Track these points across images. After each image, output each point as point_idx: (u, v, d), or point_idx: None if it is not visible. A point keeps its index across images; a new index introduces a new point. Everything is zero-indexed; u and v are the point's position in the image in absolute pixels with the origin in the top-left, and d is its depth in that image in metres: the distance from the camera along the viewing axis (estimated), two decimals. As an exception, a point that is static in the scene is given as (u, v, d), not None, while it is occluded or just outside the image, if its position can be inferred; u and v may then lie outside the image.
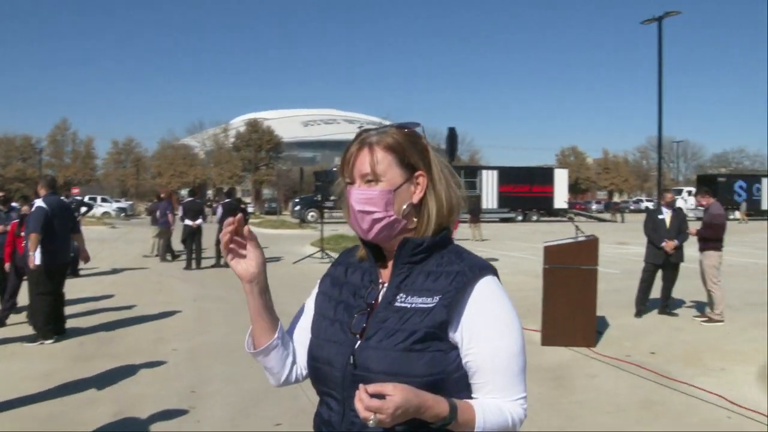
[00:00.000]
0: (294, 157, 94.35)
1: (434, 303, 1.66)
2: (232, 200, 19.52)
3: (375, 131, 1.78)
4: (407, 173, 1.75)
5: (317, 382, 1.82)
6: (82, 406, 6.22)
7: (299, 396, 6.47)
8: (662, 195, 11.32)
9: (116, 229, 38.46)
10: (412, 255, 1.74)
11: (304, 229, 36.55)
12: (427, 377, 1.61)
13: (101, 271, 16.77)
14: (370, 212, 1.72)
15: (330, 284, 1.94)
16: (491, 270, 1.74)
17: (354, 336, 1.72)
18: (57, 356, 8.11)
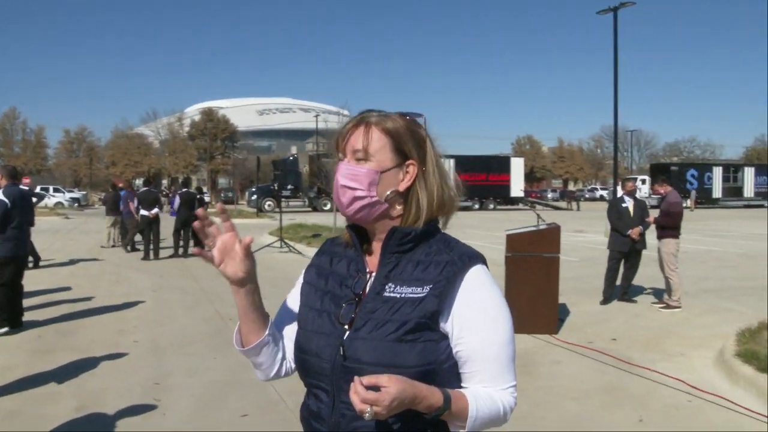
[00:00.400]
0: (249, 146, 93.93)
1: (424, 293, 1.64)
2: (191, 190, 19.36)
3: (377, 113, 1.76)
4: (399, 159, 1.73)
5: (305, 374, 1.80)
6: (43, 401, 6.08)
7: (265, 387, 6.43)
8: (624, 184, 11.45)
9: (70, 219, 37.81)
10: (401, 244, 1.72)
11: (261, 219, 36.33)
12: (418, 368, 1.60)
13: (57, 263, 16.46)
14: (352, 188, 1.71)
15: (315, 275, 1.90)
16: (480, 259, 1.73)
17: (342, 327, 1.70)
18: (14, 350, 7.94)
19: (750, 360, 6.50)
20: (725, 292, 11.85)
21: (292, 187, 49.40)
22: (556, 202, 66.17)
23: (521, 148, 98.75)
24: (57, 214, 40.94)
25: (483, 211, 48.33)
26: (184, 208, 18.03)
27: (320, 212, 43.68)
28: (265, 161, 54.61)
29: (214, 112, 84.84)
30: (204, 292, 12.12)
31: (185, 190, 18.82)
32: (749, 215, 43.58)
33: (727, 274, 14.49)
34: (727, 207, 59.41)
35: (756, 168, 65.56)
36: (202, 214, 1.71)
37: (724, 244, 21.82)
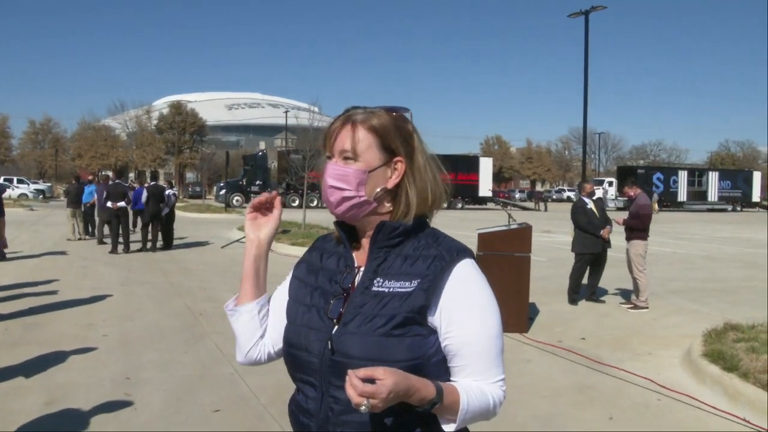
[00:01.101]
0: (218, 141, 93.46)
1: (413, 287, 1.64)
2: (159, 183, 19.21)
3: (362, 110, 1.76)
4: (386, 157, 1.72)
5: (293, 369, 1.79)
6: (11, 396, 5.99)
7: (237, 382, 6.43)
8: (582, 187, 11.55)
9: (35, 211, 37.28)
10: (389, 238, 1.72)
11: (230, 214, 36.12)
12: (407, 362, 1.60)
13: (23, 255, 16.22)
14: (340, 189, 1.71)
15: (306, 270, 1.90)
16: (468, 253, 1.73)
17: (331, 321, 1.70)
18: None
19: (716, 360, 6.59)
20: (691, 294, 12.03)
21: (260, 182, 49.15)
22: (524, 203, 66.63)
23: (490, 148, 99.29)
24: (21, 205, 40.31)
25: (451, 210, 48.43)
26: (153, 202, 17.88)
27: (289, 208, 43.52)
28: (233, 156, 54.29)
29: (182, 106, 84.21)
30: (173, 287, 12.02)
31: (153, 184, 18.65)
32: (712, 219, 44.39)
33: (692, 275, 14.73)
34: (691, 210, 60.41)
35: (720, 173, 66.84)
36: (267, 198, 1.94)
37: (689, 246, 22.14)
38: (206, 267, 14.92)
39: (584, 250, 10.82)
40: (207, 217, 34.43)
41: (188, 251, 18.29)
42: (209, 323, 8.98)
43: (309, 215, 22.68)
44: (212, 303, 10.41)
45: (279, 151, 61.12)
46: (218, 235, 22.30)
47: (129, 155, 79.58)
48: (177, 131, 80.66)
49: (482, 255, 8.70)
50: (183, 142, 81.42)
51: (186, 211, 36.45)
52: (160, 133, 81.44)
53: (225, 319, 1.81)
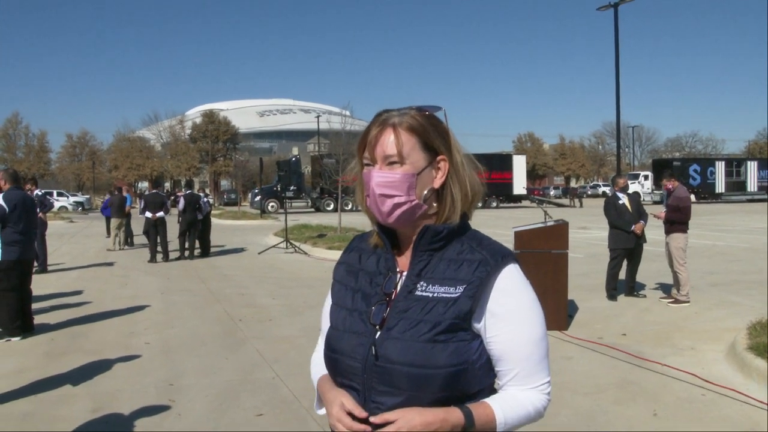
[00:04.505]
0: (251, 148, 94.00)
1: (458, 293, 1.63)
2: (195, 192, 19.38)
3: (395, 112, 1.72)
4: (429, 157, 1.70)
5: (336, 374, 1.78)
6: (58, 403, 6.10)
7: (279, 386, 6.47)
8: (615, 181, 11.44)
9: (75, 223, 37.86)
10: (432, 242, 1.70)
11: (265, 220, 36.34)
12: (449, 368, 1.59)
13: (66, 267, 16.49)
14: (391, 196, 1.67)
15: (345, 272, 1.89)
16: (513, 257, 1.71)
17: (373, 327, 1.69)
18: (27, 353, 7.95)
19: (763, 353, 6.49)
20: (732, 286, 11.86)
21: (294, 188, 49.39)
22: (559, 199, 66.10)
23: (523, 145, 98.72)
24: (61, 218, 40.97)
25: (486, 210, 48.27)
26: (189, 210, 18.07)
27: (323, 212, 43.72)
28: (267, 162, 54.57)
29: (215, 115, 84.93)
30: (212, 294, 12.12)
31: (189, 192, 18.85)
32: (752, 209, 43.54)
33: (733, 268, 14.50)
34: (730, 201, 59.36)
35: (759, 162, 65.38)
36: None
37: (728, 238, 21.80)
38: (243, 273, 15.01)
39: (617, 246, 10.73)
40: (243, 224, 34.64)
41: (225, 258, 18.43)
42: (249, 329, 9.05)
43: (344, 218, 22.73)
44: (251, 309, 10.49)
45: (312, 156, 61.45)
46: (254, 242, 22.45)
47: (164, 165, 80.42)
48: (210, 140, 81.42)
49: (519, 253, 8.65)
50: (216, 150, 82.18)
51: (222, 218, 36.72)
52: (193, 142, 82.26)
53: (264, 324, 1.83)
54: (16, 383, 6.68)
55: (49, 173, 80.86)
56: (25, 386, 6.59)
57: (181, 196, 18.95)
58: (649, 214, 10.84)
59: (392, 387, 1.62)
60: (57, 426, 5.49)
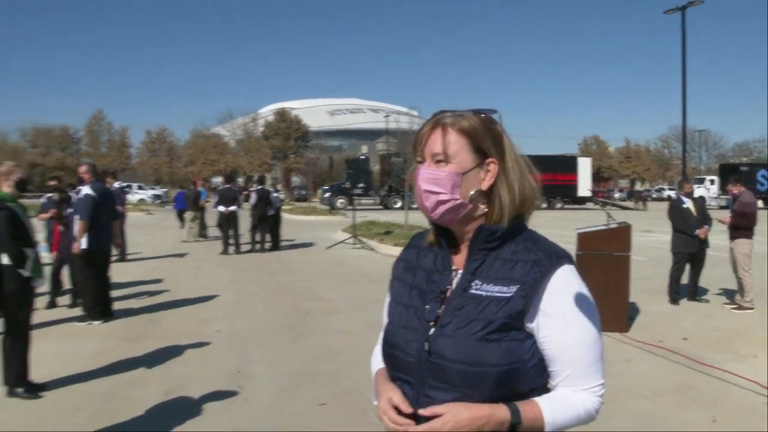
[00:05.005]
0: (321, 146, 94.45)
1: (511, 293, 1.63)
2: (266, 187, 19.65)
3: (451, 113, 1.74)
4: (478, 159, 1.70)
5: (392, 368, 1.80)
6: (134, 384, 6.32)
7: (342, 377, 6.54)
8: (681, 185, 11.19)
9: (152, 215, 38.83)
10: (487, 242, 1.70)
11: (334, 216, 36.58)
12: (502, 366, 1.60)
13: (143, 256, 16.93)
14: (435, 192, 1.69)
15: (403, 269, 1.91)
16: (568, 258, 1.70)
17: (428, 323, 1.71)
18: (107, 336, 8.24)
19: (827, 362, 6.29)
20: (799, 294, 11.47)
21: (363, 185, 49.61)
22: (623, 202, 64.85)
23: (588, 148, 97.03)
24: (140, 210, 42.13)
25: (551, 211, 47.64)
26: (260, 204, 18.35)
27: (391, 210, 43.77)
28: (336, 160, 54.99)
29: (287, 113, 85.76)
30: (282, 286, 12.30)
31: (261, 188, 19.13)
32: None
33: (800, 276, 14.00)
34: (800, 208, 57.24)
35: (830, 168, 62.81)
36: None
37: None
38: (312, 267, 15.18)
39: (679, 250, 10.50)
40: (312, 219, 34.95)
41: (295, 252, 18.65)
42: (315, 321, 9.17)
43: (411, 216, 22.71)
44: (318, 302, 10.62)
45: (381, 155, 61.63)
46: (323, 237, 22.64)
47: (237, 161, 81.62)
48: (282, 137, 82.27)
49: (581, 254, 8.56)
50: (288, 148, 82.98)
51: (292, 213, 37.09)
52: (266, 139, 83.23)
53: (330, 316, 1.87)
54: (97, 364, 6.95)
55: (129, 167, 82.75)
56: (104, 367, 6.86)
57: (253, 191, 19.23)
58: (713, 219, 10.59)
59: (445, 383, 1.63)
60: (132, 405, 5.68)
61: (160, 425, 5.24)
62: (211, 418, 5.46)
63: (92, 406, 5.72)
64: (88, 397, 5.94)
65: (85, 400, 5.86)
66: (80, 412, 5.57)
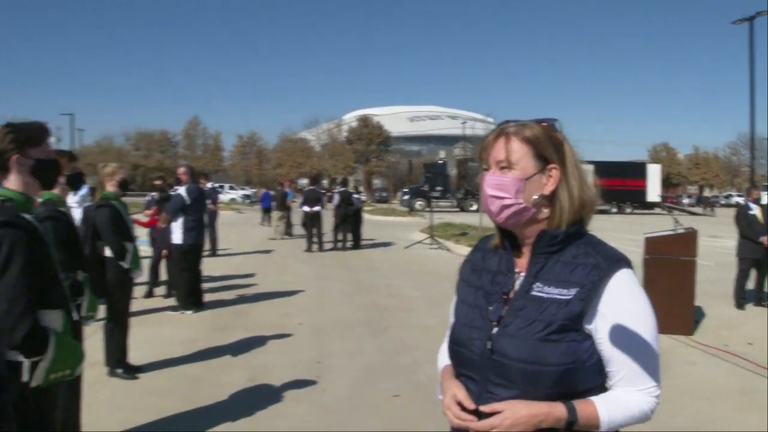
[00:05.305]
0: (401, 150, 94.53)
1: (571, 295, 1.65)
2: (348, 189, 19.84)
3: (514, 123, 1.78)
4: (541, 165, 1.73)
5: (457, 364, 1.84)
6: (221, 370, 6.49)
7: (416, 371, 6.55)
8: (749, 192, 10.79)
9: (242, 214, 39.62)
10: (549, 246, 1.73)
11: (412, 217, 36.61)
12: (561, 366, 1.62)
13: (233, 252, 17.31)
14: (500, 197, 1.72)
15: (470, 270, 1.95)
16: (626, 262, 1.70)
17: (491, 323, 1.73)
18: (198, 325, 8.48)
19: None
20: None
21: (441, 188, 49.53)
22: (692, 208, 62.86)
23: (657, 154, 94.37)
24: (231, 208, 43.03)
25: (620, 215, 46.52)
26: (343, 206, 18.53)
27: (467, 212, 43.53)
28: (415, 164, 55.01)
29: (369, 119, 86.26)
30: (361, 283, 12.40)
31: (344, 189, 19.33)
32: None
33: None
34: None
35: None
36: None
37: None
38: (390, 265, 15.23)
39: (745, 255, 10.16)
40: (392, 220, 35.06)
41: (375, 251, 18.74)
42: (392, 317, 9.21)
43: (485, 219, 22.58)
44: (395, 299, 10.66)
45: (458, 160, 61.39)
46: (402, 237, 22.68)
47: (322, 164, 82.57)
48: (365, 142, 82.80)
49: (649, 258, 8.37)
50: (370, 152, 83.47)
51: (373, 214, 37.28)
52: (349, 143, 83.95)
53: (407, 313, 1.88)
54: (188, 350, 7.18)
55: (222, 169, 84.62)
56: (194, 353, 7.08)
57: (336, 192, 19.45)
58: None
59: (507, 380, 1.66)
60: (219, 390, 5.84)
61: (244, 409, 5.37)
62: (291, 405, 5.56)
63: (182, 388, 5.92)
64: (179, 380, 6.15)
65: (176, 383, 6.07)
66: (171, 393, 5.76)
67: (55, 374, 2.65)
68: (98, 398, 5.49)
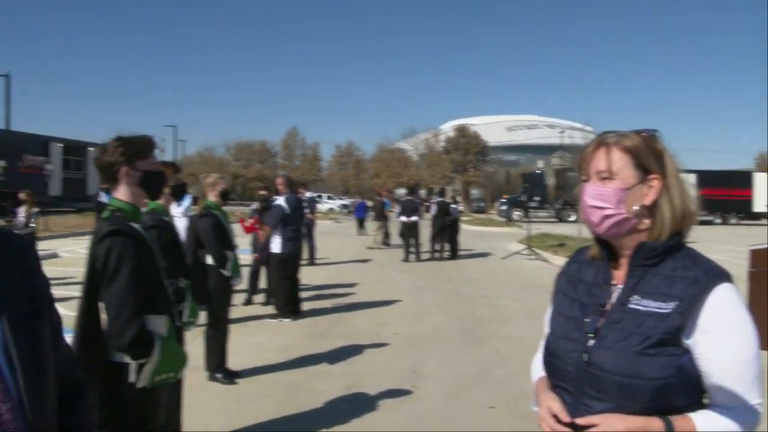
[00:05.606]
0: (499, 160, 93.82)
1: (670, 309, 1.60)
2: (446, 199, 19.84)
3: (613, 133, 1.77)
4: (641, 175, 1.71)
5: (551, 376, 1.83)
6: (318, 378, 6.58)
7: (511, 383, 6.47)
8: None
9: (340, 223, 40.18)
10: (647, 258, 1.69)
11: (510, 227, 36.21)
12: (658, 380, 1.58)
13: (330, 261, 17.51)
14: (601, 207, 1.71)
15: (565, 281, 1.93)
16: (727, 276, 1.65)
17: (587, 335, 1.71)
18: (295, 333, 8.63)
19: None
20: None
21: (539, 198, 48.84)
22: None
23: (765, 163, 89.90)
24: (329, 218, 43.73)
25: (724, 226, 44.58)
26: (440, 216, 18.54)
27: (565, 223, 42.73)
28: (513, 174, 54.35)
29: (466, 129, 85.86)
30: (458, 293, 12.35)
31: (441, 200, 19.33)
32: None
33: None
34: None
35: None
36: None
37: None
38: (487, 275, 15.10)
39: None
40: (489, 230, 34.76)
41: (471, 261, 18.62)
42: (489, 327, 9.12)
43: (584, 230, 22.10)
44: (492, 309, 10.56)
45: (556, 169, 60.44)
46: (499, 247, 22.47)
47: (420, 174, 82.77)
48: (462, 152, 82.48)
49: (754, 271, 7.96)
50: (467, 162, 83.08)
51: (470, 224, 37.08)
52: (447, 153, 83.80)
53: (504, 324, 1.87)
54: (285, 357, 7.31)
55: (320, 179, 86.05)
56: (291, 360, 7.21)
57: (434, 202, 19.47)
58: None
59: (602, 393, 1.64)
60: (315, 397, 5.93)
61: (339, 417, 5.42)
62: (386, 413, 5.58)
63: (279, 394, 6.04)
64: (276, 386, 6.27)
65: (273, 389, 6.19)
66: (269, 399, 5.89)
67: (159, 376, 2.78)
68: (198, 401, 5.67)
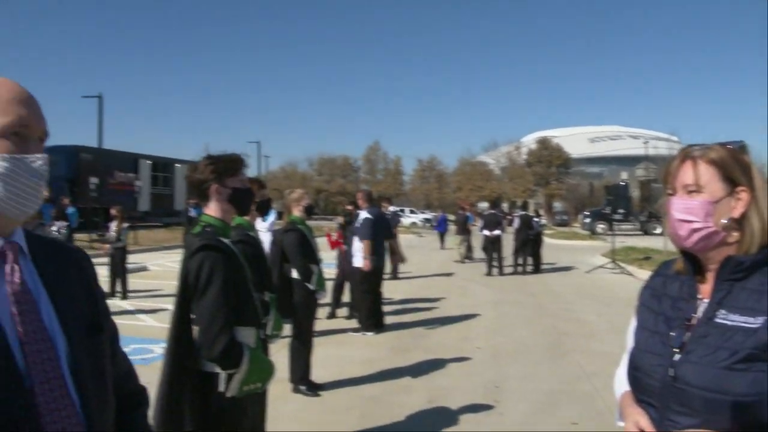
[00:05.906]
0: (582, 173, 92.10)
1: (758, 324, 1.56)
2: (528, 213, 19.67)
3: (699, 147, 1.75)
4: (729, 188, 1.69)
5: (636, 390, 1.81)
6: (400, 391, 6.61)
7: (596, 399, 6.36)
8: None
9: (423, 237, 40.16)
10: (734, 272, 1.66)
11: (594, 241, 35.57)
12: (746, 396, 1.53)
13: (413, 275, 17.54)
14: (689, 221, 1.69)
15: (650, 296, 1.91)
16: None
17: (673, 349, 1.69)
18: (377, 346, 8.69)
19: None
20: None
21: (623, 211, 47.66)
22: None
23: None
24: (412, 232, 43.80)
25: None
26: (523, 229, 18.38)
27: (650, 236, 41.61)
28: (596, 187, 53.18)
29: (548, 141, 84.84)
30: (541, 307, 12.20)
31: (524, 213, 19.18)
32: None
33: None
34: None
35: None
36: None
37: None
38: (571, 290, 14.87)
39: None
40: (573, 244, 34.23)
41: (555, 275, 18.36)
42: (572, 342, 8.98)
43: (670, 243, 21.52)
44: (575, 324, 10.40)
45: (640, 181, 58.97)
46: (583, 261, 22.08)
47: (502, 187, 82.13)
48: (544, 164, 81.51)
49: None
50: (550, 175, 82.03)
51: (553, 238, 36.56)
52: (529, 166, 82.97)
53: (588, 339, 1.86)
54: (368, 370, 7.37)
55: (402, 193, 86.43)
56: (374, 373, 7.26)
57: (516, 216, 19.33)
58: None
59: (688, 408, 1.62)
60: (397, 410, 5.96)
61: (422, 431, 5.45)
62: (468, 428, 5.56)
63: (362, 407, 6.10)
64: (359, 399, 6.33)
65: (356, 401, 6.26)
66: (351, 412, 5.96)
67: (247, 386, 2.88)
68: (282, 412, 5.78)
